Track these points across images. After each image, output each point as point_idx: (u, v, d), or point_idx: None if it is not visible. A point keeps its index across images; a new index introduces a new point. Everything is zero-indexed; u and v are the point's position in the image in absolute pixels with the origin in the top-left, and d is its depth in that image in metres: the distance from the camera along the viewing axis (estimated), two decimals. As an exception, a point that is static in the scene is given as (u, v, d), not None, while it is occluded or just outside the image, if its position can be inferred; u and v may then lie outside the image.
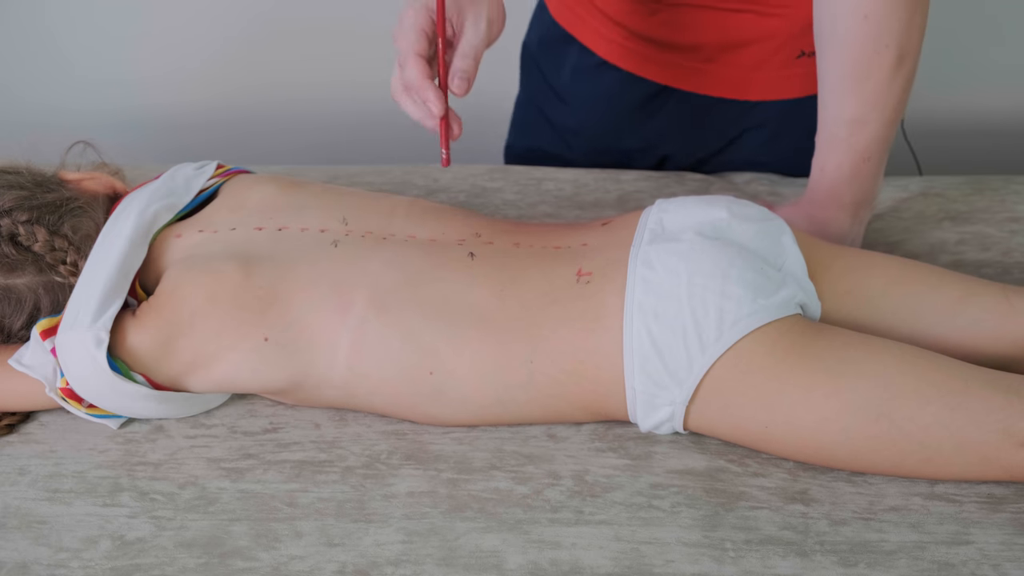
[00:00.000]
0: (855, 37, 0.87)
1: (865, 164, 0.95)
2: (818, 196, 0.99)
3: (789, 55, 1.09)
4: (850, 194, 0.98)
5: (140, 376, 0.84)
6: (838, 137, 0.94)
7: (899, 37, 0.87)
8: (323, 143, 1.78)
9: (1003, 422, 0.76)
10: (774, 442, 0.81)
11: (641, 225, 0.88)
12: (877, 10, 0.85)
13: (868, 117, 0.92)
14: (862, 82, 0.89)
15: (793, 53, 1.09)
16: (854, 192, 0.97)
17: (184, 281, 0.85)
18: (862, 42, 0.87)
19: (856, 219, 1.00)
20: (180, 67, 1.72)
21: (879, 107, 0.91)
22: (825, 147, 0.96)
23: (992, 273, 1.05)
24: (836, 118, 0.93)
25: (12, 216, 0.86)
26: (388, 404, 0.86)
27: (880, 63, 0.88)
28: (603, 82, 1.16)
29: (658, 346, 0.79)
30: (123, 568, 0.76)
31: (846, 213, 0.99)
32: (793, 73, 1.11)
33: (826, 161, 0.96)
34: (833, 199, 0.98)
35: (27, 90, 1.73)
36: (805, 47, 1.09)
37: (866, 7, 0.86)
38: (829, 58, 0.91)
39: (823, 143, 0.97)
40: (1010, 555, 0.75)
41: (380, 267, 0.85)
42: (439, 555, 0.76)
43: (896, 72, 0.89)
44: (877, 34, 0.87)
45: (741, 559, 0.76)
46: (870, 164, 0.95)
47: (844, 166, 0.95)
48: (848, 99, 0.91)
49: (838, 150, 0.95)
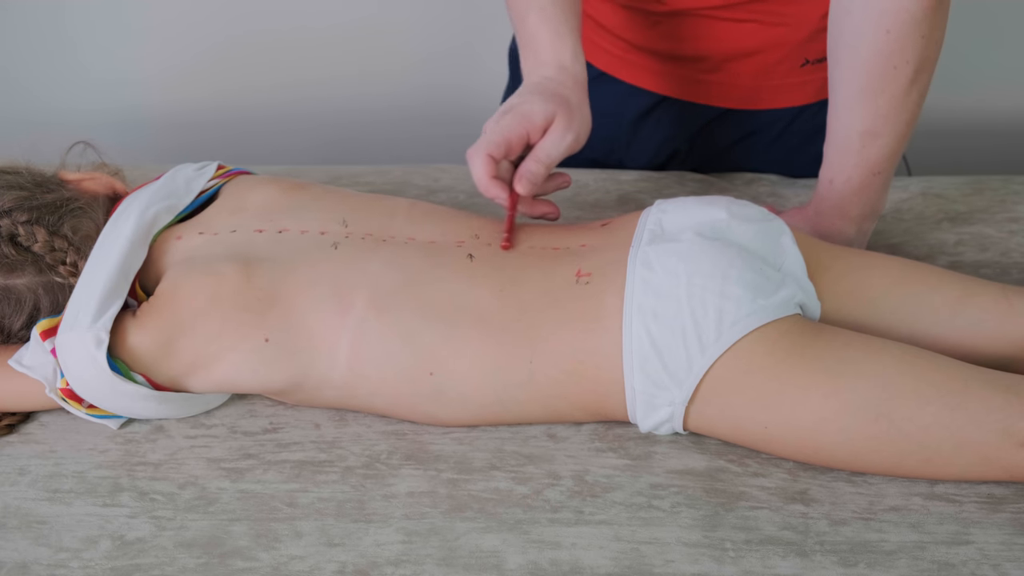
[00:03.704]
0: (874, 51, 0.86)
1: (875, 178, 0.94)
2: (824, 207, 0.99)
3: (794, 64, 1.09)
4: (858, 207, 0.97)
5: (140, 376, 0.84)
6: (849, 149, 0.93)
7: (919, 52, 0.85)
8: (323, 143, 1.78)
9: (1003, 422, 0.76)
10: (774, 442, 0.81)
11: (640, 226, 0.88)
12: (899, 26, 0.84)
13: (881, 130, 0.90)
14: (877, 95, 0.88)
15: (798, 62, 1.09)
16: (861, 205, 0.97)
17: (185, 282, 0.85)
18: (881, 56, 0.86)
19: (860, 231, 1.00)
20: (181, 67, 1.72)
21: (892, 120, 0.90)
22: (835, 158, 0.95)
23: (991, 273, 1.05)
24: (848, 129, 0.92)
25: (12, 216, 0.86)
26: (388, 404, 0.86)
27: (897, 77, 0.87)
28: (603, 94, 1.16)
29: (657, 346, 0.79)
30: (123, 568, 0.76)
31: (851, 224, 0.99)
32: (798, 82, 1.10)
33: (836, 173, 0.95)
34: (840, 211, 0.98)
35: (28, 89, 1.73)
36: (809, 55, 1.08)
37: (888, 22, 0.84)
38: (845, 70, 0.89)
39: (833, 154, 0.95)
40: (1010, 555, 0.75)
41: (380, 268, 0.85)
42: (439, 555, 0.76)
43: (912, 87, 0.87)
44: (897, 49, 0.85)
45: (741, 559, 0.76)
46: (879, 178, 0.94)
47: (854, 179, 0.94)
48: (862, 111, 0.90)
49: (848, 163, 0.94)
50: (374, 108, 1.76)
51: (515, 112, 0.89)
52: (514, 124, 0.88)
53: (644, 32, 1.10)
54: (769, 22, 1.05)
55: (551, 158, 0.89)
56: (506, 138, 0.88)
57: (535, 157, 0.89)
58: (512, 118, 0.89)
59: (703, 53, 1.10)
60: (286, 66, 1.72)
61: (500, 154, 0.88)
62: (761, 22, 1.06)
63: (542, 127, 0.89)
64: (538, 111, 0.88)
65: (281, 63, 1.71)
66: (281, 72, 1.72)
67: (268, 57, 1.71)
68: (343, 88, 1.74)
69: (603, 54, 1.15)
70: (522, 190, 0.89)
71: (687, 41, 1.09)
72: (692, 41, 1.09)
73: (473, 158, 0.89)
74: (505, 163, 0.91)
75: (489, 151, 0.88)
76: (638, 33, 1.11)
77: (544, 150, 0.89)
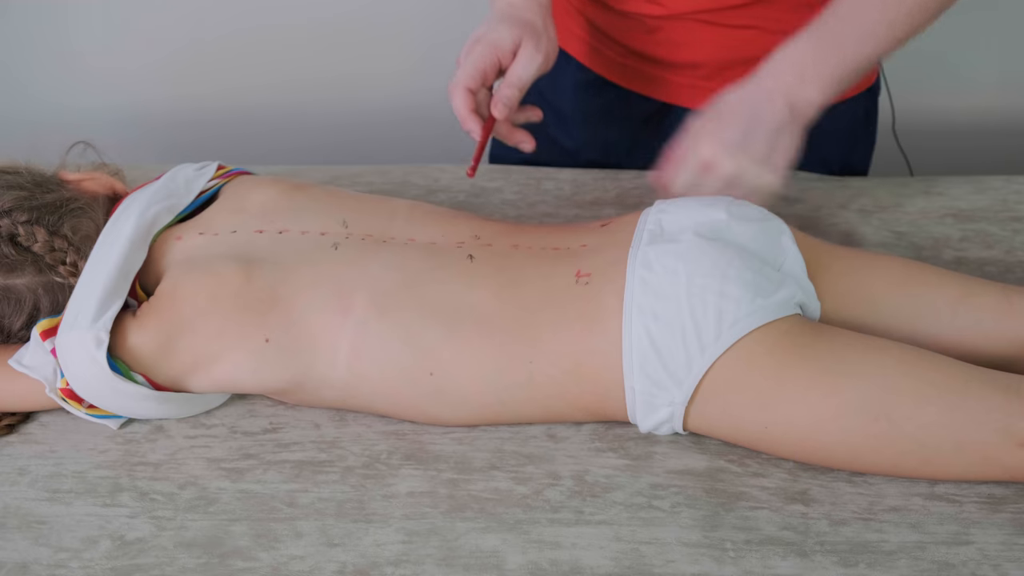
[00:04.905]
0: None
1: (843, 69, 0.90)
2: (777, 68, 0.91)
3: None
4: (812, 85, 0.90)
5: (140, 376, 0.84)
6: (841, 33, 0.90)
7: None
8: (323, 143, 1.78)
9: (1003, 422, 0.76)
10: (774, 442, 0.81)
11: (640, 226, 0.88)
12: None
13: (902, 18, 0.89)
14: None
15: None
16: (815, 87, 0.90)
17: (185, 282, 0.85)
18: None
19: (793, 122, 0.90)
20: (181, 66, 1.72)
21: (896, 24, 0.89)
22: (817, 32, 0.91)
23: (995, 271, 1.05)
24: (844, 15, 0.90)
25: (12, 216, 0.86)
26: (388, 404, 0.86)
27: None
28: (601, 99, 1.16)
29: (657, 347, 0.79)
30: (123, 568, 0.76)
31: (785, 106, 0.90)
32: None
33: (807, 43, 0.91)
34: (791, 78, 0.90)
35: (28, 89, 1.73)
36: None
37: None
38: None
39: (815, 29, 0.91)
40: (1010, 555, 0.75)
41: (380, 269, 0.85)
42: (439, 555, 0.76)
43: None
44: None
45: (741, 559, 0.76)
46: (845, 71, 0.90)
47: (828, 61, 0.89)
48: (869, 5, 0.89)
49: (832, 42, 0.90)
50: (374, 108, 1.75)
51: (484, 42, 0.95)
52: (485, 53, 0.94)
53: (641, 38, 1.10)
54: (769, 29, 1.04)
55: (523, 81, 0.95)
56: (480, 69, 0.94)
57: (508, 82, 0.95)
58: (482, 48, 0.95)
59: (700, 60, 1.09)
60: (286, 66, 1.71)
61: (477, 84, 0.95)
62: (761, 28, 1.05)
63: (511, 52, 0.95)
64: (506, 38, 0.94)
65: (281, 63, 1.71)
66: (281, 72, 1.72)
67: (268, 57, 1.71)
68: (343, 88, 1.73)
69: (602, 59, 1.15)
70: (499, 114, 0.95)
71: (684, 47, 1.08)
72: (689, 47, 1.08)
73: (453, 93, 0.95)
74: (483, 91, 0.97)
75: (467, 84, 0.94)
76: (635, 39, 1.10)
77: (516, 74, 0.95)
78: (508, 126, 1.00)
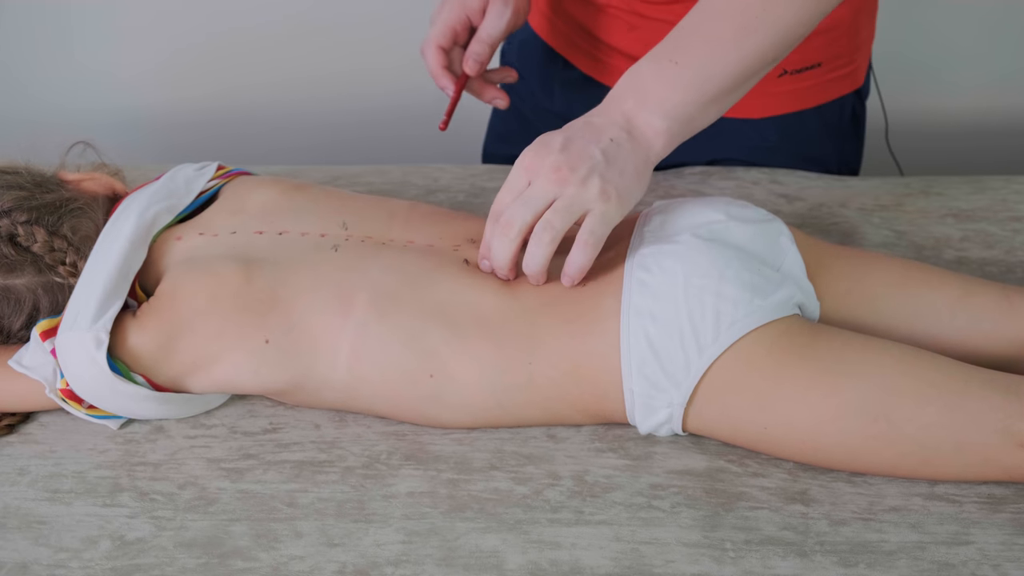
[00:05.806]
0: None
1: (691, 89, 0.81)
2: (617, 93, 0.83)
3: (771, 74, 1.08)
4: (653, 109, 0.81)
5: (140, 377, 0.84)
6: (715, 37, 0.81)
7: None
8: (323, 143, 1.78)
9: (1003, 422, 0.76)
10: (773, 443, 0.81)
11: (638, 227, 0.88)
12: None
13: (755, 24, 0.79)
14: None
15: (775, 72, 1.08)
16: (656, 111, 0.81)
17: (185, 282, 0.85)
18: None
19: (633, 151, 0.81)
20: (180, 66, 1.72)
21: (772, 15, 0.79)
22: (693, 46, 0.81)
23: (996, 271, 1.05)
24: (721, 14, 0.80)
25: (11, 216, 0.86)
26: (389, 406, 0.86)
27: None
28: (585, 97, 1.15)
29: (655, 348, 0.79)
30: (123, 568, 0.76)
31: (623, 131, 0.81)
32: (775, 91, 1.10)
33: (647, 65, 0.83)
34: (631, 103, 0.82)
35: (28, 89, 1.73)
36: (787, 66, 1.07)
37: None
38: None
39: (656, 49, 0.83)
40: (1010, 555, 0.75)
41: (380, 272, 0.85)
42: (439, 555, 0.76)
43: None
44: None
45: (741, 559, 0.76)
46: (695, 91, 0.81)
47: (670, 81, 0.80)
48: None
49: (674, 60, 0.81)
50: (373, 108, 1.75)
51: (453, 0, 0.98)
52: (455, 11, 0.98)
53: (622, 36, 1.09)
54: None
55: (492, 37, 0.98)
56: (450, 27, 0.97)
57: (478, 38, 0.98)
58: (452, 6, 0.98)
59: None
60: (286, 65, 1.72)
61: (448, 42, 0.98)
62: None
63: (480, 9, 0.98)
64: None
65: (281, 62, 1.71)
66: (281, 71, 1.72)
67: (268, 56, 1.71)
68: (343, 88, 1.73)
69: (584, 57, 1.14)
70: (470, 70, 0.98)
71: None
72: None
73: (425, 51, 0.99)
74: (457, 49, 1.00)
75: (438, 42, 0.98)
76: (617, 37, 1.10)
77: (486, 30, 0.98)
78: (480, 83, 1.02)
